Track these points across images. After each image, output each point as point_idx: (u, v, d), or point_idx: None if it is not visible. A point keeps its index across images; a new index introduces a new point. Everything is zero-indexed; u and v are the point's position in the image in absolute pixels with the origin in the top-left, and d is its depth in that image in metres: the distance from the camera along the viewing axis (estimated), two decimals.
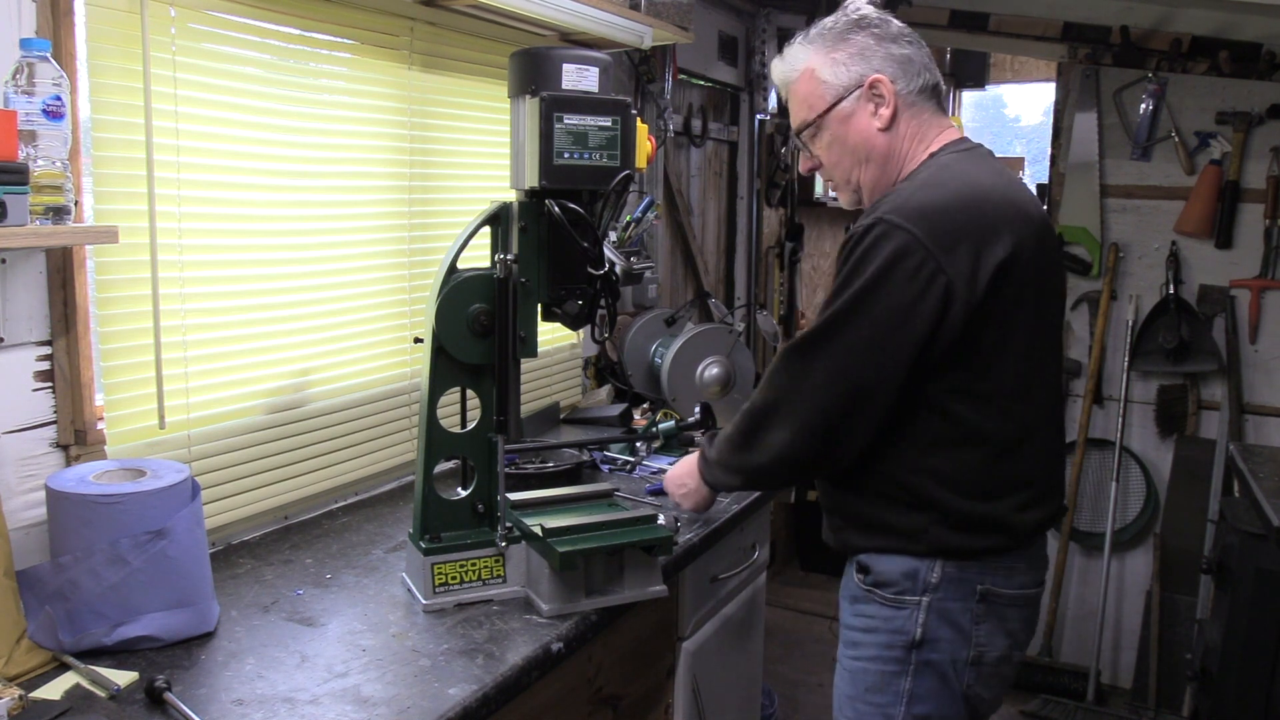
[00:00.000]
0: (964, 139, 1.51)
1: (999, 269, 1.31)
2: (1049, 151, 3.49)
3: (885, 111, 1.45)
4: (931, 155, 1.46)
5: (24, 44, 1.31)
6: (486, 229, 1.58)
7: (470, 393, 1.62)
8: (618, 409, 2.64)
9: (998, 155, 1.54)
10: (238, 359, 1.76)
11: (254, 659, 1.34)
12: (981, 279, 1.31)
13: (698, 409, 1.95)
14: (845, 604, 1.51)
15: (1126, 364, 3.37)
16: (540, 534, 1.49)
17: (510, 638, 1.42)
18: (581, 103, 1.51)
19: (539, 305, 1.60)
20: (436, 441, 1.56)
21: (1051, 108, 3.52)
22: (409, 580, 1.60)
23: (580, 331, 2.52)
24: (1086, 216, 3.38)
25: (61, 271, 1.46)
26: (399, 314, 2.14)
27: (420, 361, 1.59)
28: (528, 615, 1.50)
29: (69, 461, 1.49)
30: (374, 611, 1.51)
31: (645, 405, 2.75)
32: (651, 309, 2.98)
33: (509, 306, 1.53)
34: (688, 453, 2.37)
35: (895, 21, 1.48)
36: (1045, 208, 3.60)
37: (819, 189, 4.71)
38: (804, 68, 1.49)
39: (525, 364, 1.76)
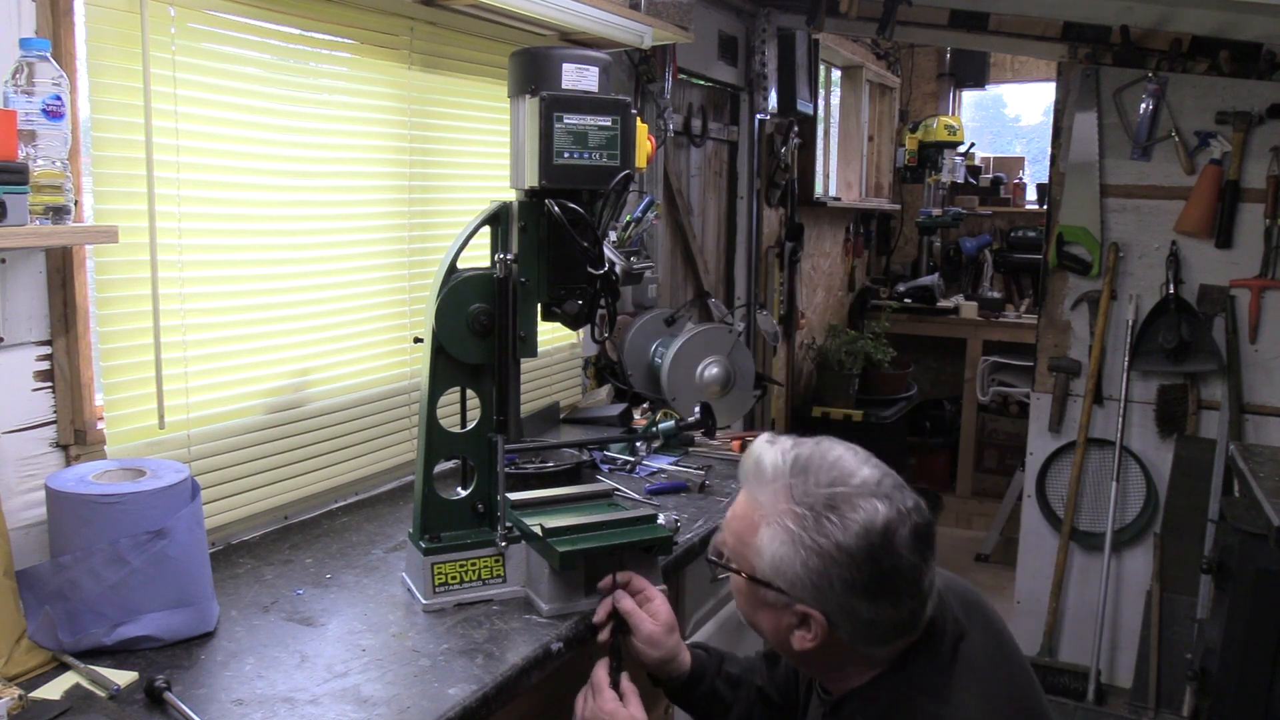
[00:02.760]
0: None
1: None
2: (1049, 151, 3.49)
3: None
4: None
5: (24, 44, 1.30)
6: (486, 229, 1.58)
7: (470, 393, 1.62)
8: (618, 409, 2.64)
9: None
10: (237, 359, 1.76)
11: (254, 659, 1.34)
12: None
13: (698, 409, 1.95)
14: None
15: (1126, 364, 3.37)
16: (540, 534, 1.49)
17: (510, 637, 1.42)
18: (581, 102, 1.51)
19: (539, 305, 1.60)
20: (436, 441, 1.56)
21: (1051, 107, 3.52)
22: (409, 580, 1.60)
23: (580, 331, 2.52)
24: (1086, 216, 3.38)
25: (61, 271, 1.46)
26: (399, 314, 2.13)
27: (420, 361, 1.59)
28: (528, 615, 1.50)
29: (69, 461, 1.49)
30: (374, 611, 1.51)
31: (645, 405, 2.75)
32: (651, 309, 2.98)
33: (509, 306, 1.53)
34: (686, 452, 2.38)
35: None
36: (1046, 207, 3.60)
37: (819, 189, 4.72)
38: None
39: (525, 364, 1.76)
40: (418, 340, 1.60)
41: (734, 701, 1.44)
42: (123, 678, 1.25)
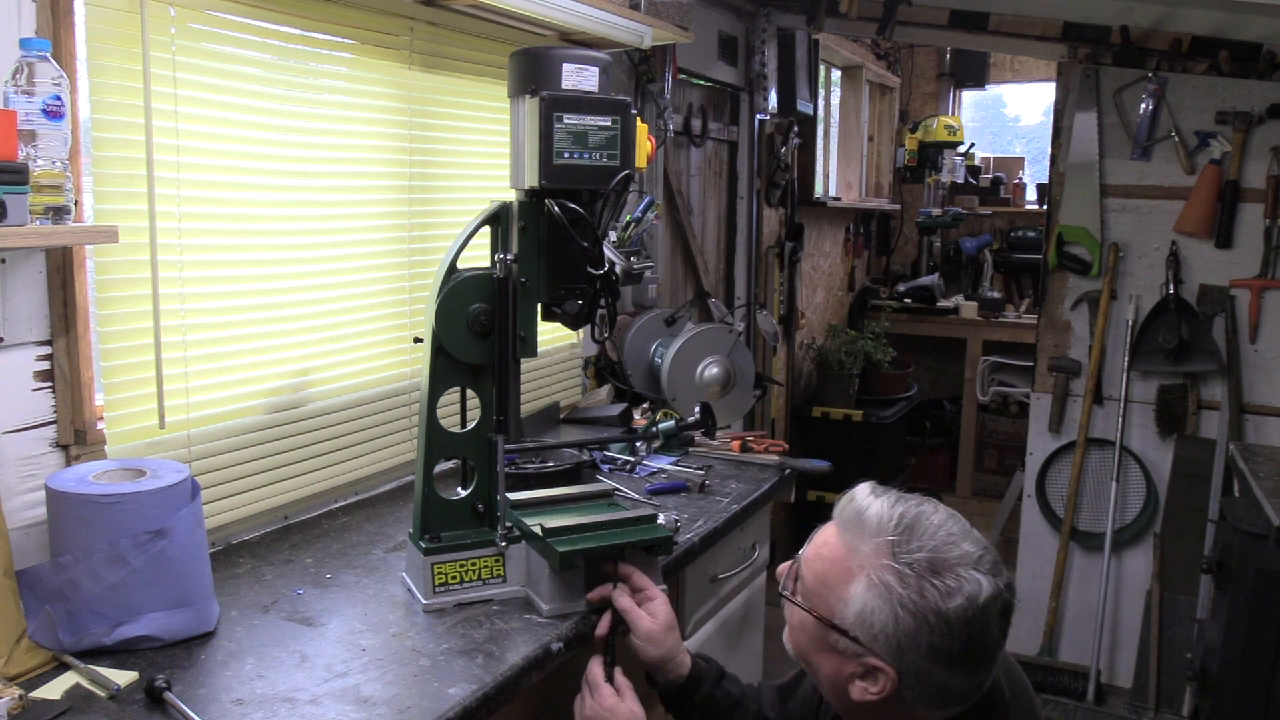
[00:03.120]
0: None
1: None
2: (1049, 151, 3.49)
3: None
4: None
5: (24, 44, 1.31)
6: (486, 229, 1.58)
7: (470, 393, 1.62)
8: (618, 409, 2.63)
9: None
10: (238, 359, 1.76)
11: (254, 659, 1.34)
12: None
13: (698, 409, 1.95)
14: None
15: (1126, 364, 3.37)
16: (540, 534, 1.49)
17: (510, 637, 1.42)
18: (581, 102, 1.51)
19: (539, 305, 1.60)
20: (436, 441, 1.56)
21: (1051, 107, 3.52)
22: (409, 580, 1.60)
23: (580, 331, 2.52)
24: (1086, 216, 3.38)
25: (61, 271, 1.46)
26: (399, 314, 2.13)
27: (420, 361, 1.59)
28: (528, 615, 1.50)
29: (69, 461, 1.49)
30: (374, 611, 1.51)
31: (645, 405, 2.75)
32: (651, 309, 2.98)
33: (509, 306, 1.53)
34: (686, 452, 2.38)
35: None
36: (1046, 207, 3.60)
37: (819, 188, 4.72)
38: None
39: (525, 364, 1.76)
40: (418, 340, 1.60)
41: (729, 718, 1.44)
42: (123, 678, 1.25)
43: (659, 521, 1.61)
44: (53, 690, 1.23)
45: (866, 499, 1.13)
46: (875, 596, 1.07)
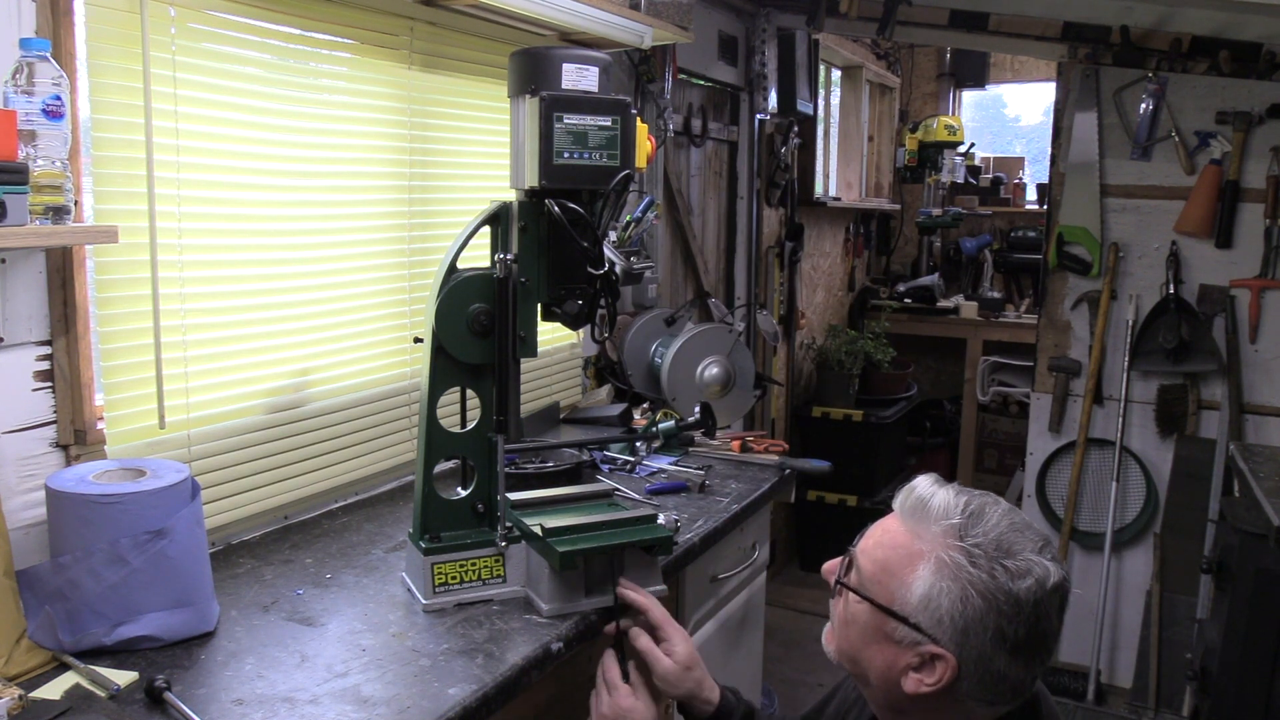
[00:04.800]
0: None
1: None
2: (1049, 151, 3.49)
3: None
4: None
5: (24, 44, 1.31)
6: (486, 229, 1.58)
7: (470, 393, 1.62)
8: (618, 409, 2.63)
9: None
10: (238, 359, 1.76)
11: (254, 659, 1.34)
12: None
13: (698, 409, 1.95)
14: None
15: (1126, 364, 3.37)
16: (540, 534, 1.49)
17: (510, 637, 1.42)
18: (581, 102, 1.51)
19: (539, 305, 1.60)
20: (436, 441, 1.56)
21: (1051, 107, 3.52)
22: (409, 580, 1.60)
23: (580, 331, 2.52)
24: (1086, 216, 3.38)
25: (61, 271, 1.46)
26: (399, 314, 2.13)
27: (420, 361, 1.59)
28: (528, 615, 1.50)
29: (69, 461, 1.49)
30: (374, 611, 1.51)
31: (645, 405, 2.75)
32: (651, 309, 2.98)
33: (509, 306, 1.53)
34: (686, 452, 2.38)
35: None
36: (1046, 207, 3.60)
37: (819, 189, 4.72)
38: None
39: (525, 364, 1.76)
40: (418, 340, 1.60)
41: None
42: (123, 678, 1.25)
43: (659, 521, 1.61)
44: (53, 690, 1.23)
45: (930, 489, 1.12)
46: (945, 577, 1.05)
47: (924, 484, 1.13)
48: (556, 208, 1.49)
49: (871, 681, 1.14)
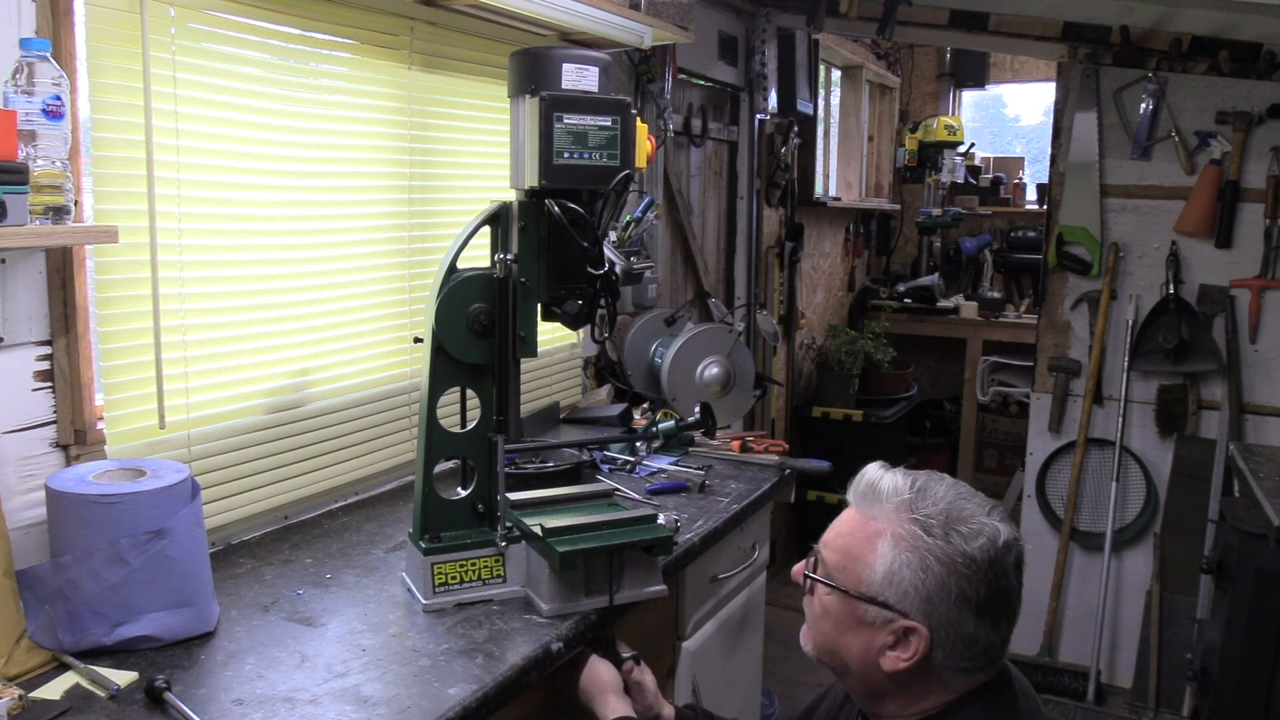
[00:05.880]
0: None
1: None
2: (1049, 151, 3.49)
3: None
4: None
5: (24, 44, 1.31)
6: (486, 229, 1.58)
7: (470, 393, 1.62)
8: (618, 409, 2.63)
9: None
10: (238, 359, 1.76)
11: (254, 659, 1.34)
12: None
13: (697, 409, 1.95)
14: None
15: (1126, 364, 3.37)
16: (540, 534, 1.49)
17: (510, 637, 1.42)
18: (581, 102, 1.51)
19: (539, 305, 1.60)
20: (436, 441, 1.56)
21: (1051, 107, 3.52)
22: (409, 580, 1.60)
23: (580, 331, 2.52)
24: (1086, 216, 3.38)
25: (61, 271, 1.46)
26: (399, 314, 2.13)
27: (420, 361, 1.59)
28: (528, 615, 1.50)
29: (69, 461, 1.49)
30: (374, 611, 1.51)
31: (645, 405, 2.75)
32: (651, 309, 2.98)
33: (509, 306, 1.53)
34: (686, 452, 2.38)
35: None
36: (1046, 207, 3.60)
37: (819, 189, 4.72)
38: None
39: (525, 364, 1.76)
40: (418, 340, 1.61)
41: None
42: (123, 678, 1.25)
43: (659, 521, 1.61)
44: (53, 690, 1.23)
45: (876, 473, 1.17)
46: (903, 550, 1.10)
47: (872, 470, 1.18)
48: (556, 208, 1.49)
49: (851, 669, 1.17)
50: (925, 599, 1.09)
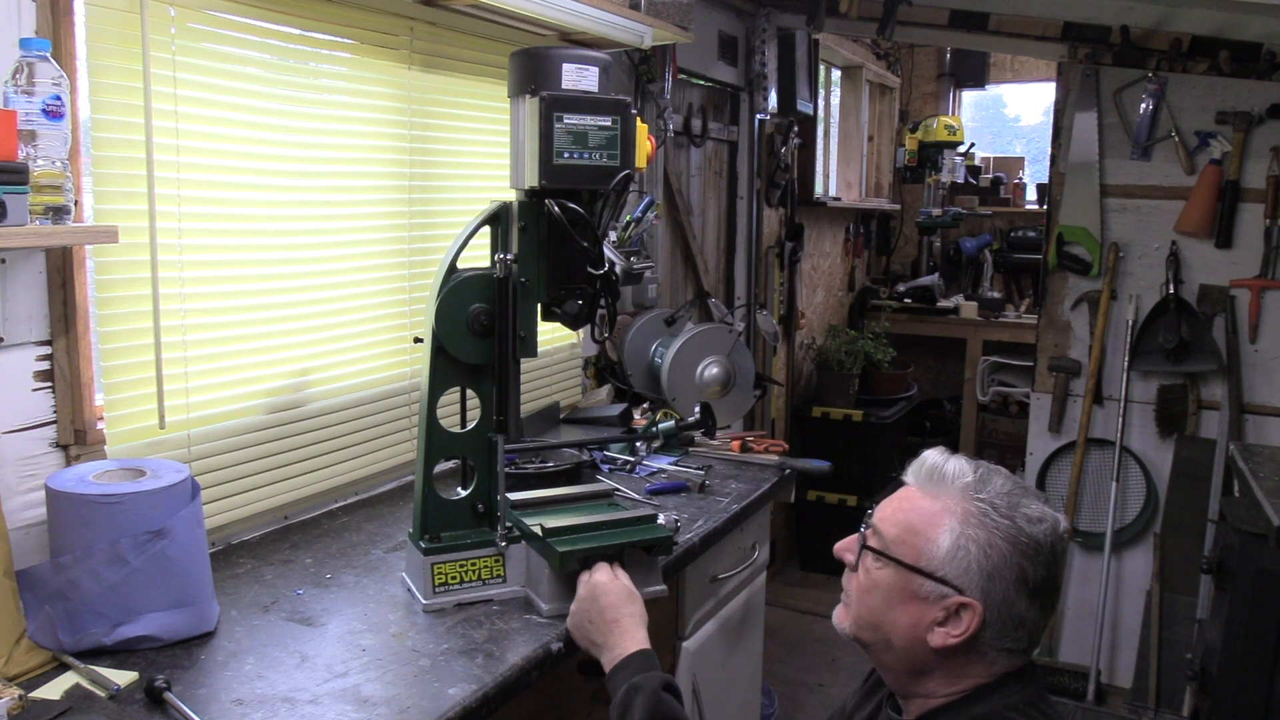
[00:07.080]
0: None
1: None
2: (1049, 151, 3.49)
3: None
4: None
5: (24, 44, 1.31)
6: (486, 229, 1.58)
7: (470, 393, 1.62)
8: (618, 409, 2.63)
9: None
10: (238, 359, 1.76)
11: (254, 659, 1.34)
12: None
13: (698, 409, 1.95)
14: None
15: (1126, 364, 3.37)
16: (540, 534, 1.49)
17: (510, 637, 1.42)
18: (581, 102, 1.51)
19: (539, 305, 1.60)
20: (436, 441, 1.56)
21: (1051, 107, 3.52)
22: (409, 580, 1.60)
23: (580, 331, 2.52)
24: (1086, 216, 3.38)
25: (61, 271, 1.46)
26: (399, 314, 2.13)
27: (420, 361, 1.59)
28: (528, 615, 1.50)
29: (69, 461, 1.49)
30: (374, 611, 1.51)
31: (645, 405, 2.75)
32: (651, 309, 2.98)
33: (509, 306, 1.53)
34: (686, 452, 2.38)
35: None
36: (1046, 207, 3.60)
37: (819, 189, 4.72)
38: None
39: (525, 364, 1.76)
40: (418, 340, 1.61)
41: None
42: (123, 678, 1.25)
43: (659, 521, 1.61)
44: (53, 690, 1.23)
45: (940, 457, 1.20)
46: (971, 526, 1.13)
47: (934, 454, 1.20)
48: (556, 208, 1.49)
49: (895, 645, 1.18)
50: (987, 576, 1.11)
